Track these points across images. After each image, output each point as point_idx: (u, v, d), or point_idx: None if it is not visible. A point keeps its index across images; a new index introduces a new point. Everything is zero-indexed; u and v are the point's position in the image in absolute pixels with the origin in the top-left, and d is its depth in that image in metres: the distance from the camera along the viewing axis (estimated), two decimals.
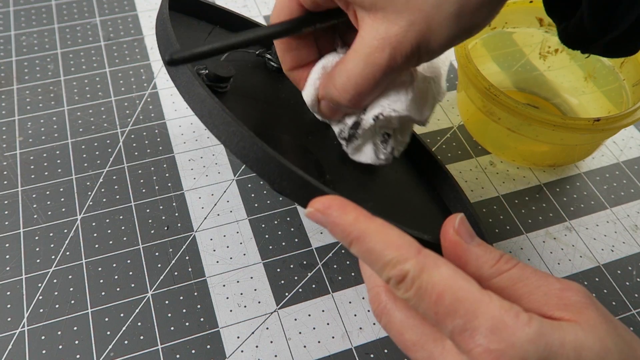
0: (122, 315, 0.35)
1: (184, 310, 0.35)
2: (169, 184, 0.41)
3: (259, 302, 0.36)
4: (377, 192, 0.33)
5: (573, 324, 0.22)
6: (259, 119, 0.32)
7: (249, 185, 0.42)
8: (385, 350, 0.34)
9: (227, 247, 0.38)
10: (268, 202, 0.41)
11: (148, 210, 0.40)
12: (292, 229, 0.39)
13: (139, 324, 0.35)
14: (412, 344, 0.24)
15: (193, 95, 0.27)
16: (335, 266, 0.38)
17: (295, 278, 0.37)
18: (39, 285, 0.36)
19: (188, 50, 0.26)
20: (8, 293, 0.35)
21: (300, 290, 0.36)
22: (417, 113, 0.30)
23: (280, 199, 0.41)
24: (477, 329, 0.22)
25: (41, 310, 0.35)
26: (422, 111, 0.31)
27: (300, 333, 0.35)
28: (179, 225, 0.39)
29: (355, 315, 0.36)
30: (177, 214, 0.40)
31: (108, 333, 0.34)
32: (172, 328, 0.34)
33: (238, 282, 0.37)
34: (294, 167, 0.25)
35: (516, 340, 0.21)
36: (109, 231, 0.38)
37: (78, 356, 0.33)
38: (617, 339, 0.22)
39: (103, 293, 0.36)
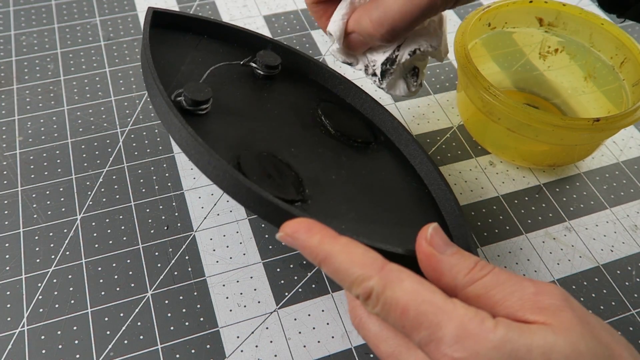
0: (121, 314, 0.35)
1: (184, 310, 0.35)
2: (169, 184, 0.41)
3: (259, 302, 0.36)
4: (360, 200, 0.33)
5: (544, 327, 0.22)
6: (241, 137, 0.32)
7: None
8: None
9: (227, 246, 0.38)
10: None
11: (148, 210, 0.40)
12: None
13: (139, 323, 0.35)
14: (387, 355, 0.25)
15: (170, 126, 0.28)
16: None
17: (295, 278, 0.37)
18: (39, 285, 0.36)
19: None
20: (8, 293, 0.35)
21: (300, 290, 0.36)
22: (445, 50, 0.35)
23: None
24: (441, 340, 0.22)
25: (41, 310, 0.35)
26: (445, 50, 0.35)
27: (300, 333, 0.35)
28: (178, 225, 0.39)
29: None
30: (177, 214, 0.40)
31: (108, 333, 0.34)
32: (171, 328, 0.34)
33: (238, 281, 0.37)
34: (264, 192, 0.26)
35: (480, 349, 0.21)
36: (109, 231, 0.38)
37: (78, 356, 0.33)
38: (592, 341, 0.22)
39: (103, 293, 0.36)
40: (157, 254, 0.38)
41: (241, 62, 0.37)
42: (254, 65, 0.37)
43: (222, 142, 0.31)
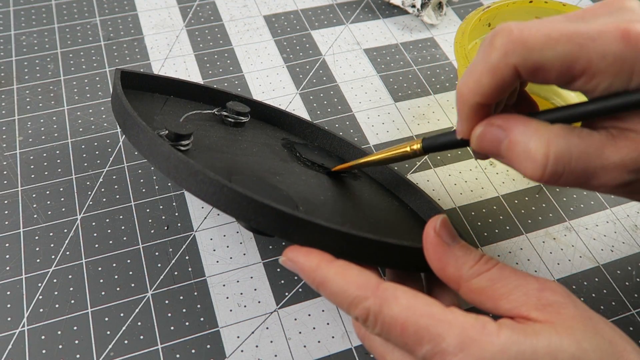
0: (122, 315, 0.35)
1: (184, 310, 0.35)
2: (169, 184, 0.41)
3: (259, 302, 0.36)
4: (352, 215, 0.34)
5: (548, 326, 0.22)
6: (225, 169, 0.32)
7: None
8: None
9: (227, 246, 0.38)
10: None
11: (148, 210, 0.40)
12: None
13: (139, 323, 0.35)
14: None
15: (157, 155, 0.27)
16: None
17: (296, 278, 0.37)
18: (39, 284, 0.36)
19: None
20: (8, 293, 0.35)
21: (300, 290, 0.36)
22: None
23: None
24: (445, 350, 0.22)
25: (41, 310, 0.35)
26: None
27: (300, 333, 0.35)
28: (179, 225, 0.39)
29: None
30: (177, 214, 0.40)
31: (108, 333, 0.34)
32: (172, 328, 0.34)
33: (238, 281, 0.37)
34: (266, 200, 0.25)
35: (485, 354, 0.21)
36: (109, 231, 0.38)
37: (78, 356, 0.33)
38: (595, 338, 0.22)
39: (103, 293, 0.36)
40: (157, 254, 0.38)
41: (213, 111, 0.38)
42: (225, 114, 0.39)
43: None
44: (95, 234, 0.38)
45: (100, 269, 0.37)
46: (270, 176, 0.34)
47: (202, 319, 0.35)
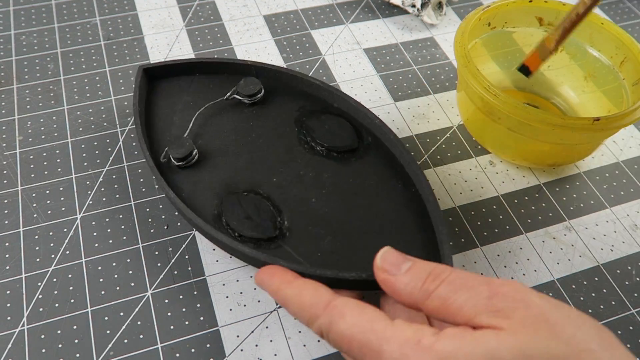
0: (121, 314, 0.35)
1: (184, 309, 0.35)
2: None
3: (259, 301, 0.36)
4: (342, 218, 0.35)
5: (491, 332, 0.22)
6: (226, 179, 0.37)
7: None
8: None
9: None
10: None
11: (148, 210, 0.40)
12: None
13: (139, 322, 0.35)
14: None
15: (162, 187, 0.35)
16: None
17: None
18: (39, 284, 0.36)
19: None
20: (8, 292, 0.35)
21: None
22: None
23: None
24: None
25: (41, 309, 0.35)
26: None
27: (300, 332, 0.35)
28: (178, 224, 0.39)
29: None
30: (176, 213, 0.40)
31: (108, 332, 0.34)
32: (171, 327, 0.34)
33: (238, 281, 0.37)
34: (239, 245, 0.32)
35: None
36: (109, 230, 0.38)
37: (78, 355, 0.33)
38: (546, 340, 0.22)
39: (103, 292, 0.36)
40: (157, 253, 0.38)
41: (224, 98, 0.41)
42: (237, 97, 0.41)
43: (208, 190, 0.36)
44: (95, 234, 0.38)
45: (100, 268, 0.37)
46: (267, 180, 0.37)
47: (201, 318, 0.35)
